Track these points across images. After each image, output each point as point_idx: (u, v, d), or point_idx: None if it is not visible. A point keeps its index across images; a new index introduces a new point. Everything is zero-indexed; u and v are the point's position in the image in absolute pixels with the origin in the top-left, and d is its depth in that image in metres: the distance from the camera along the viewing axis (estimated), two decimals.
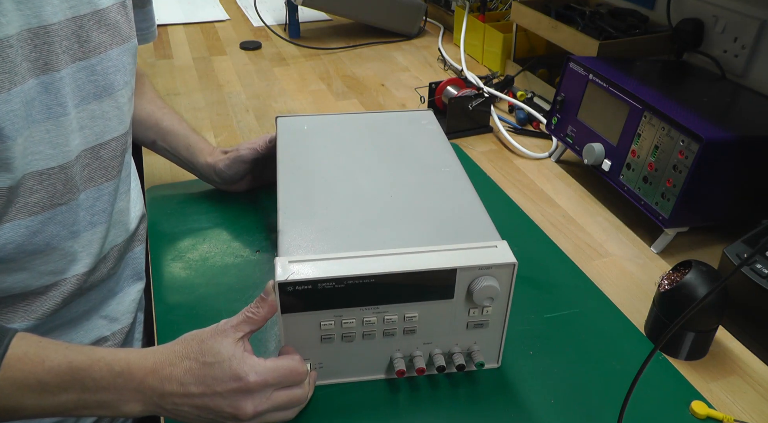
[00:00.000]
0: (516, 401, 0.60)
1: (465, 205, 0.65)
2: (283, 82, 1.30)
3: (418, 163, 0.73)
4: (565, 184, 0.98)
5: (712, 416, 0.59)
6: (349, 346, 0.58)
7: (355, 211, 0.63)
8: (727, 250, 0.71)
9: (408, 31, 1.58)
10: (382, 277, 0.54)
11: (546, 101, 1.17)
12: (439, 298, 0.57)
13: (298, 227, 0.60)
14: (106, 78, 0.63)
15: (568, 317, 0.70)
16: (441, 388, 0.61)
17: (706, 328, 0.65)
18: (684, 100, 0.85)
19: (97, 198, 0.66)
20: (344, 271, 0.54)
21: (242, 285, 0.74)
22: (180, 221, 0.84)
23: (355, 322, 0.57)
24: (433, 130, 0.80)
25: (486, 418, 0.58)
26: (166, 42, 1.50)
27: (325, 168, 0.70)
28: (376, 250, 0.56)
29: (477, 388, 0.61)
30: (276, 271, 0.54)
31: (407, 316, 0.57)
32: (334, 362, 0.60)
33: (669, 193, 0.78)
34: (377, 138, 0.78)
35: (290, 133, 0.77)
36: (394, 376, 0.61)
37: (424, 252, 0.56)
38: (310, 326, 0.56)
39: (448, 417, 0.58)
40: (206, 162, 0.86)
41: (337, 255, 0.56)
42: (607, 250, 0.83)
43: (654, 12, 1.14)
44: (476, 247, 0.57)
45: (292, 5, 1.51)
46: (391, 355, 0.60)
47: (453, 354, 0.61)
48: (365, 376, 0.62)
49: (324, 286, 0.54)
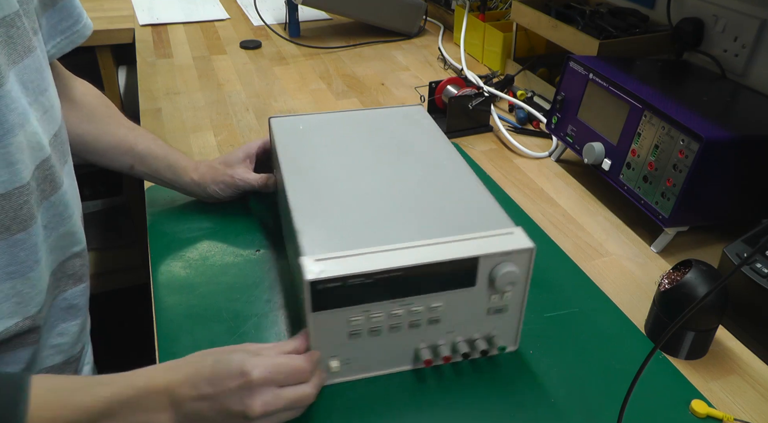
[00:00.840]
0: (516, 401, 0.60)
1: (473, 195, 0.66)
2: (283, 82, 1.30)
3: (419, 156, 0.73)
4: (565, 183, 0.98)
5: (711, 415, 0.59)
6: (376, 340, 0.59)
7: (367, 206, 0.63)
8: (727, 249, 0.71)
9: (408, 31, 1.58)
10: (409, 269, 0.55)
11: (546, 100, 1.17)
12: (461, 287, 0.58)
13: (315, 226, 0.60)
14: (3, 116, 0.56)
15: (568, 316, 0.70)
16: (445, 377, 0.61)
17: (706, 327, 0.65)
18: (684, 100, 0.84)
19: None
20: (372, 266, 0.55)
21: (242, 284, 0.74)
22: (180, 220, 0.84)
23: (383, 316, 0.58)
24: (428, 124, 0.81)
25: (487, 418, 0.58)
26: (166, 41, 1.50)
27: (328, 166, 0.70)
28: (397, 244, 0.57)
29: (476, 385, 0.61)
30: (305, 270, 0.54)
31: (432, 306, 0.59)
32: (361, 357, 0.60)
33: (669, 192, 0.78)
34: (374, 134, 0.78)
35: (287, 134, 0.77)
36: (420, 366, 0.62)
37: (444, 243, 0.57)
38: (339, 323, 0.57)
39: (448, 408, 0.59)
40: (192, 180, 0.83)
41: (361, 251, 0.56)
42: (607, 249, 0.83)
43: (654, 11, 1.14)
44: (494, 235, 0.59)
45: (292, 4, 1.51)
46: (415, 346, 0.61)
47: (474, 340, 0.62)
48: (392, 369, 0.63)
49: (353, 282, 0.54)
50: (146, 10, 1.68)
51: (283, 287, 0.73)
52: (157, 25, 1.59)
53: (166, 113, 1.15)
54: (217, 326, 0.68)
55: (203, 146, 1.04)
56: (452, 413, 0.59)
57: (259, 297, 0.72)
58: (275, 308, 0.70)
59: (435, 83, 1.13)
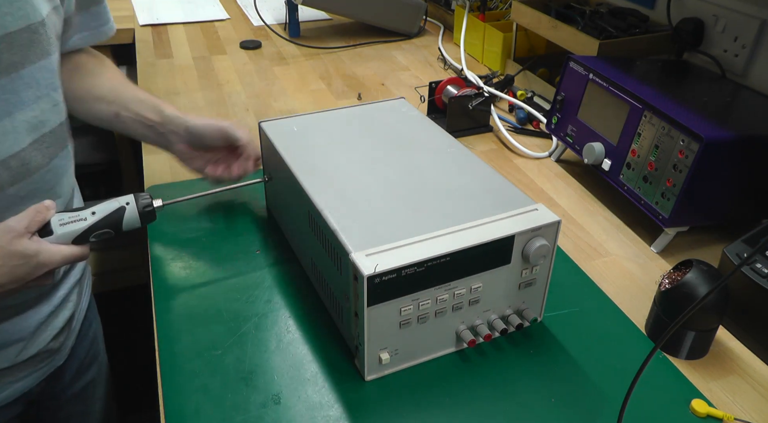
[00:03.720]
0: (517, 400, 0.60)
1: (487, 178, 0.69)
2: (283, 82, 1.30)
3: (421, 145, 0.75)
4: (565, 183, 0.98)
5: (712, 415, 0.59)
6: (423, 327, 0.61)
7: (391, 198, 0.65)
8: (727, 249, 0.71)
9: (408, 31, 1.58)
10: (455, 254, 0.57)
11: (546, 100, 1.17)
12: (498, 265, 0.61)
13: (351, 223, 0.61)
14: (18, 95, 0.64)
15: (568, 316, 0.70)
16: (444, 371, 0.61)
17: (707, 327, 0.65)
18: (684, 100, 0.84)
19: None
20: (422, 255, 0.56)
21: (242, 284, 0.74)
22: (179, 221, 0.84)
23: (430, 302, 0.60)
24: (416, 115, 0.83)
25: (487, 417, 0.58)
26: (166, 41, 1.50)
27: (339, 163, 0.71)
28: (436, 232, 0.59)
29: (476, 385, 0.62)
30: (359, 267, 0.54)
31: (473, 287, 0.61)
32: (409, 346, 0.62)
33: (669, 192, 0.78)
34: (370, 129, 0.79)
35: (284, 136, 0.77)
36: (463, 346, 0.65)
37: (480, 225, 0.60)
38: (391, 315, 0.58)
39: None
40: (175, 114, 0.81)
41: (405, 242, 0.58)
42: (607, 249, 0.83)
43: (654, 11, 1.14)
44: (522, 213, 0.62)
45: (292, 4, 1.51)
46: (455, 328, 0.64)
47: (507, 316, 0.65)
48: (436, 354, 0.65)
49: (407, 272, 0.56)
50: (146, 10, 1.68)
51: (283, 288, 0.73)
52: (157, 26, 1.59)
53: None
54: (217, 326, 0.68)
55: None
56: (451, 413, 0.59)
57: (259, 297, 0.72)
58: (275, 308, 0.70)
59: (435, 83, 1.13)
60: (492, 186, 0.67)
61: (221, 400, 0.59)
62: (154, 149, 1.02)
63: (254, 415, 0.58)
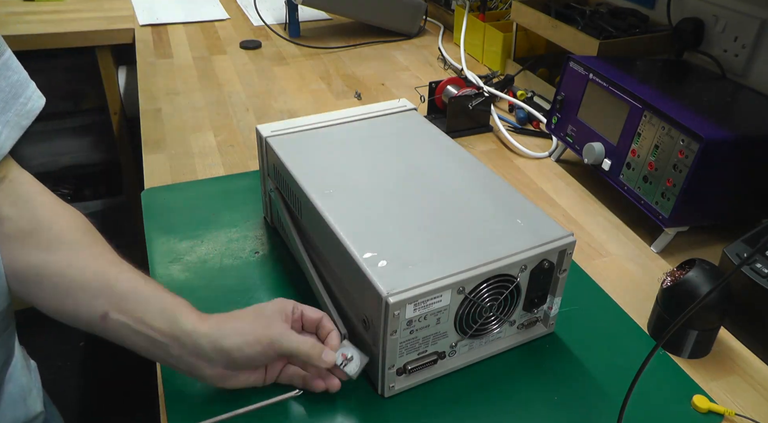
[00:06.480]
0: (518, 399, 0.60)
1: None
2: (283, 82, 1.30)
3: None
4: (565, 183, 0.98)
5: (713, 410, 0.60)
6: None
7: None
8: (727, 249, 0.71)
9: (408, 31, 1.58)
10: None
11: (546, 100, 1.17)
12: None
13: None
14: None
15: (568, 314, 0.70)
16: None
17: (709, 326, 0.65)
18: (684, 100, 0.84)
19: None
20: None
21: (242, 287, 0.74)
22: (178, 223, 0.84)
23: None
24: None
25: (488, 417, 0.58)
26: (166, 41, 1.50)
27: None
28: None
29: (475, 385, 0.62)
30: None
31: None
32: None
33: (669, 192, 0.78)
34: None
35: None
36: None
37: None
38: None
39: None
40: (195, 329, 0.55)
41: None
42: (607, 249, 0.83)
43: (654, 11, 1.14)
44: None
45: (292, 4, 1.51)
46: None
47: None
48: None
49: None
50: (146, 10, 1.68)
51: (284, 290, 0.73)
52: (157, 25, 1.59)
53: (166, 113, 1.15)
54: None
55: (203, 146, 1.04)
56: (451, 412, 0.59)
57: (259, 300, 0.72)
58: None
59: (435, 83, 1.13)
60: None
61: (221, 400, 0.59)
62: (154, 149, 1.03)
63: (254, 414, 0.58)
